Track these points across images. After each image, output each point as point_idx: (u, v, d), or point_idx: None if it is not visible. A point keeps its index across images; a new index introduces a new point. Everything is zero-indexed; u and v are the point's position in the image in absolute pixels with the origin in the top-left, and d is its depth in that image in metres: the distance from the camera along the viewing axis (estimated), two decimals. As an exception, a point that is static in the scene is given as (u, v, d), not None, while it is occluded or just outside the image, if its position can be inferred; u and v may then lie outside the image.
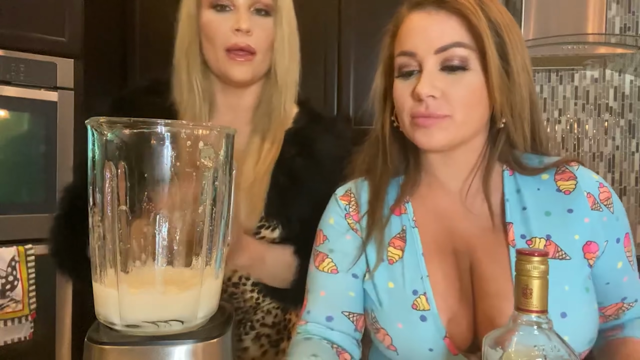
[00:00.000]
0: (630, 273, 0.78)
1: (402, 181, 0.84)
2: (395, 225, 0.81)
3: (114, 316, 0.61)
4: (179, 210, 0.62)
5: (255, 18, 0.96)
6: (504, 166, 0.79)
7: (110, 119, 0.59)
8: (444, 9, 0.72)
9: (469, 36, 0.71)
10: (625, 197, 2.45)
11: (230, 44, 0.94)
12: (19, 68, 1.95)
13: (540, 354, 0.51)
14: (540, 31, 2.17)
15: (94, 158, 0.61)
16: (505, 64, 0.72)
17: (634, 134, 2.44)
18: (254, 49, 0.95)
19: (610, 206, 0.75)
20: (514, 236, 0.74)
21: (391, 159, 0.82)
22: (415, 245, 0.79)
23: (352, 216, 0.84)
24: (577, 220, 0.73)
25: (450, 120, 0.72)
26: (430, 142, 0.73)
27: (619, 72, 2.44)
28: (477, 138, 0.78)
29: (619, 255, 0.77)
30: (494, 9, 0.72)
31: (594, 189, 0.75)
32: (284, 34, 0.99)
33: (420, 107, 0.72)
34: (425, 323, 0.74)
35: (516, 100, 0.74)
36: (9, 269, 1.85)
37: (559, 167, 0.77)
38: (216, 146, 0.64)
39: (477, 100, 0.72)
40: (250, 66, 0.96)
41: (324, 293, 0.83)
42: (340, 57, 2.33)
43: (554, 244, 0.73)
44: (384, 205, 0.82)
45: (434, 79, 0.71)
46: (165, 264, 0.62)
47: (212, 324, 0.66)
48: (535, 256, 0.52)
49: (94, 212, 0.62)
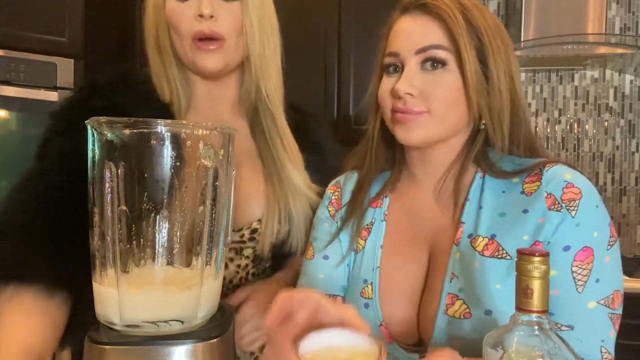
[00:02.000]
0: (567, 289, 0.69)
1: (387, 177, 0.89)
2: (368, 217, 0.87)
3: (114, 316, 0.61)
4: (179, 210, 0.62)
5: (220, 2, 0.92)
6: (478, 168, 0.80)
7: (110, 119, 0.59)
8: (427, 14, 0.76)
9: (448, 39, 0.75)
10: (625, 197, 2.45)
11: (195, 32, 0.90)
12: (19, 68, 1.95)
13: (540, 354, 0.51)
14: (540, 31, 2.17)
15: (94, 158, 0.61)
16: (484, 67, 0.75)
17: (634, 134, 2.44)
18: (221, 35, 0.91)
19: (572, 209, 0.70)
20: (461, 234, 0.77)
21: (377, 155, 0.88)
22: (377, 238, 0.85)
23: (333, 204, 0.92)
24: (529, 221, 0.72)
25: (428, 116, 0.76)
26: (408, 138, 0.77)
27: (619, 72, 2.44)
28: (457, 138, 0.80)
29: (557, 264, 0.69)
30: (477, 14, 0.76)
31: (557, 189, 0.71)
32: (252, 18, 0.94)
33: (399, 103, 0.77)
34: (367, 310, 0.81)
35: (494, 103, 0.76)
36: (9, 269, 1.85)
37: (533, 170, 0.75)
38: (216, 146, 0.64)
39: (455, 100, 0.75)
40: (220, 54, 0.93)
41: (303, 279, 0.89)
42: (340, 57, 2.33)
43: (496, 243, 0.73)
44: (366, 198, 0.88)
45: (413, 77, 0.75)
46: (165, 264, 0.62)
47: (212, 324, 0.66)
48: (536, 256, 0.52)
49: (94, 211, 0.62)
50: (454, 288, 0.74)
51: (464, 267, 0.74)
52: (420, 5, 0.77)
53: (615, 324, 0.70)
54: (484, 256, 0.73)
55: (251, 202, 1.00)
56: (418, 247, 0.82)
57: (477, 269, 0.73)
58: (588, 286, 0.69)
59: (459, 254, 0.76)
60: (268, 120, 1.01)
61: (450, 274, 0.75)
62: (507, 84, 0.77)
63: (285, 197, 0.99)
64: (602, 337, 0.69)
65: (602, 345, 0.69)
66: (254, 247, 1.00)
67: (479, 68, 0.75)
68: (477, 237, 0.75)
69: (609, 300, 0.69)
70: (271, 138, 1.01)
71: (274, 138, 1.01)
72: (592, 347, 0.69)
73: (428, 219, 0.83)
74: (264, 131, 1.02)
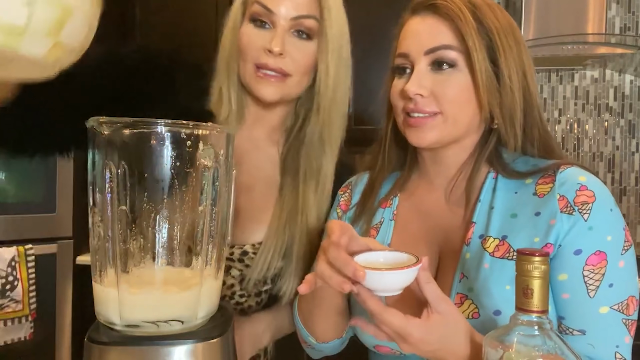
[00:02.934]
0: (577, 293, 0.69)
1: (398, 177, 0.88)
2: (377, 217, 0.87)
3: (114, 316, 0.61)
4: (179, 210, 0.62)
5: (293, 40, 0.91)
6: (491, 168, 0.80)
7: (110, 119, 0.59)
8: (436, 14, 0.76)
9: (457, 39, 0.74)
10: (625, 197, 2.45)
11: (261, 63, 0.89)
12: (19, 68, 1.94)
13: (540, 354, 0.51)
14: (540, 31, 2.17)
15: (94, 158, 0.61)
16: (495, 67, 0.75)
17: (634, 134, 2.44)
18: (286, 72, 0.90)
19: (585, 212, 0.69)
20: (471, 235, 0.76)
21: (390, 156, 0.88)
22: (385, 237, 0.84)
23: (341, 207, 0.92)
24: (541, 223, 0.71)
25: (440, 117, 0.75)
26: (421, 140, 0.77)
27: (619, 72, 2.44)
28: (469, 138, 0.80)
29: (568, 267, 0.69)
30: (488, 14, 0.75)
31: (570, 191, 0.71)
32: (329, 64, 0.92)
33: (410, 104, 0.76)
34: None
35: (506, 102, 0.75)
36: (9, 269, 1.85)
37: (547, 171, 0.75)
38: (216, 146, 0.64)
39: (465, 100, 0.75)
40: (280, 87, 0.91)
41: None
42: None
43: (507, 244, 0.73)
44: (376, 198, 0.88)
45: (423, 78, 0.75)
46: (165, 264, 0.62)
47: (212, 324, 0.66)
48: (536, 256, 0.52)
49: (93, 212, 0.62)
50: (464, 288, 0.74)
51: (473, 268, 0.74)
52: (429, 6, 0.77)
53: (631, 330, 0.70)
54: (494, 257, 0.73)
55: (252, 224, 0.98)
56: (427, 246, 0.81)
57: (486, 270, 0.72)
58: (600, 291, 0.68)
59: (469, 254, 0.75)
60: (312, 162, 0.98)
61: (459, 273, 0.75)
62: (520, 83, 0.76)
63: (292, 232, 0.96)
64: (616, 343, 0.69)
65: (616, 351, 0.68)
66: (241, 270, 0.97)
67: (489, 67, 0.74)
68: (487, 238, 0.74)
69: (623, 305, 0.69)
70: (305, 180, 0.98)
71: (308, 180, 0.98)
72: (605, 353, 0.68)
73: (438, 219, 0.82)
74: (299, 170, 0.99)
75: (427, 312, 0.62)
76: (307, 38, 0.92)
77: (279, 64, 0.89)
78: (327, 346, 0.87)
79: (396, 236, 0.84)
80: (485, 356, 0.54)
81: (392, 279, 0.60)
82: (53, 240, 2.04)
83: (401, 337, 0.61)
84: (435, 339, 0.61)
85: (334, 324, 0.83)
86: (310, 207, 0.97)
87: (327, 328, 0.84)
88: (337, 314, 0.82)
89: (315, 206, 0.97)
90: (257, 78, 0.91)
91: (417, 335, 0.60)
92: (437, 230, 0.82)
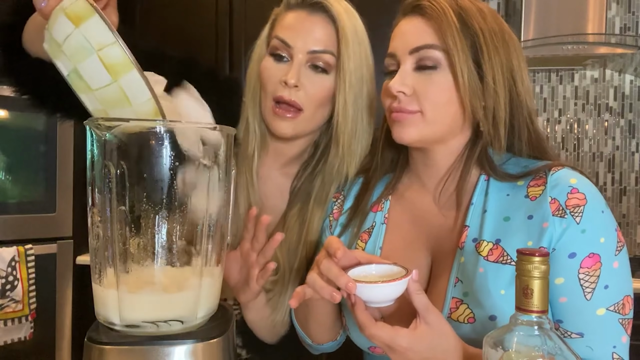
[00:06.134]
0: (574, 297, 0.69)
1: (389, 180, 0.89)
2: (369, 221, 0.88)
3: (114, 316, 0.61)
4: (179, 210, 0.62)
5: (309, 73, 0.91)
6: (482, 171, 0.80)
7: (109, 118, 0.59)
8: (422, 15, 0.77)
9: (441, 39, 0.74)
10: (625, 197, 2.45)
11: (277, 96, 0.91)
12: (19, 68, 1.94)
13: (540, 354, 0.50)
14: (540, 31, 2.17)
15: (93, 158, 0.61)
16: (478, 68, 0.75)
17: (634, 134, 2.44)
18: (299, 105, 0.91)
19: (577, 215, 0.69)
20: (465, 239, 0.76)
21: (384, 157, 0.89)
22: (377, 241, 0.85)
23: (333, 214, 0.93)
24: (534, 227, 0.71)
25: (420, 116, 0.76)
26: (402, 135, 0.77)
27: (619, 72, 2.44)
28: (455, 139, 0.80)
29: (563, 271, 0.69)
30: (475, 16, 0.75)
31: (562, 194, 0.71)
32: (347, 98, 0.91)
33: (394, 102, 0.77)
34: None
35: (489, 103, 0.75)
36: (9, 269, 1.85)
37: (539, 173, 0.75)
38: (216, 146, 0.64)
39: (447, 99, 0.75)
40: (293, 123, 0.92)
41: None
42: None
43: (500, 248, 0.73)
44: (369, 200, 0.89)
45: (406, 76, 0.76)
46: (165, 264, 0.62)
47: (212, 324, 0.66)
48: (536, 256, 0.51)
49: (93, 212, 0.62)
50: (459, 292, 0.74)
51: (468, 272, 0.74)
52: (415, 7, 0.78)
53: (627, 329, 0.70)
54: (488, 261, 0.72)
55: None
56: (419, 250, 0.81)
57: (481, 274, 0.72)
58: (596, 293, 0.68)
59: (463, 258, 0.75)
60: (325, 188, 0.98)
61: (454, 278, 0.75)
62: (505, 84, 0.75)
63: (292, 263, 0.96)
64: (613, 344, 0.69)
65: (613, 352, 0.69)
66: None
67: (472, 68, 0.74)
68: (481, 242, 0.74)
69: (619, 306, 0.69)
70: (313, 207, 0.97)
71: (316, 207, 0.97)
72: (603, 354, 0.68)
73: (430, 222, 0.82)
74: (311, 195, 0.98)
75: (415, 323, 0.63)
76: (323, 72, 0.92)
77: (293, 96, 0.90)
78: (323, 347, 0.91)
79: (388, 240, 0.84)
80: (485, 356, 0.54)
81: (382, 291, 0.63)
82: (53, 240, 2.05)
83: (390, 348, 0.63)
84: (424, 347, 0.63)
85: (327, 329, 0.87)
86: (313, 232, 0.96)
87: (322, 332, 0.88)
88: (330, 320, 0.86)
89: (318, 233, 0.97)
90: (273, 115, 0.92)
91: (405, 344, 0.62)
92: (429, 234, 0.82)
